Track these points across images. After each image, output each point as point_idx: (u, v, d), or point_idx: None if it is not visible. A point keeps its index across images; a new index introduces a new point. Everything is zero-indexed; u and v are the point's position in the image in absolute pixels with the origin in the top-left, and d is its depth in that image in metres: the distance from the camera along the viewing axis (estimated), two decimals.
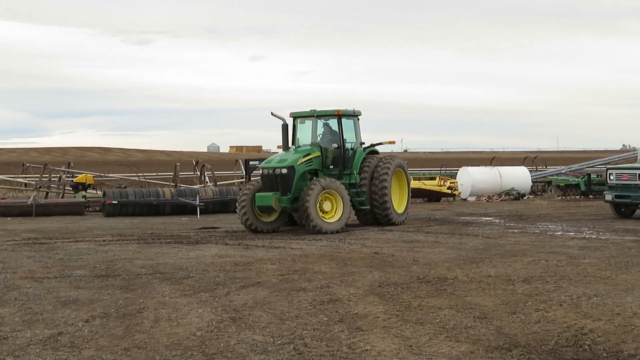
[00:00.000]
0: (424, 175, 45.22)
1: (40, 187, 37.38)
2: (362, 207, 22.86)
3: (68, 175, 39.51)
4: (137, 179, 42.55)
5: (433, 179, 39.85)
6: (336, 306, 10.29)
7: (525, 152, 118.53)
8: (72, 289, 11.92)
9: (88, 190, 35.12)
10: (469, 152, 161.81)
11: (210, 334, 8.83)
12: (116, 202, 29.82)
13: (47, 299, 11.04)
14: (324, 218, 21.09)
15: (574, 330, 8.73)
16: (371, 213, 23.25)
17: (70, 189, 36.15)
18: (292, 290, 11.55)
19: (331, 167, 22.60)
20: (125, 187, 35.76)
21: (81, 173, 39.59)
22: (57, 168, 42.52)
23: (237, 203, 21.93)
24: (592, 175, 39.22)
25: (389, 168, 23.15)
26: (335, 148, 22.69)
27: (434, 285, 11.78)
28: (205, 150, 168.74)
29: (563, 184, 39.74)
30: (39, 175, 40.23)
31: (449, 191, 37.71)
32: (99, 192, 35.69)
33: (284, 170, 21.32)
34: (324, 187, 21.05)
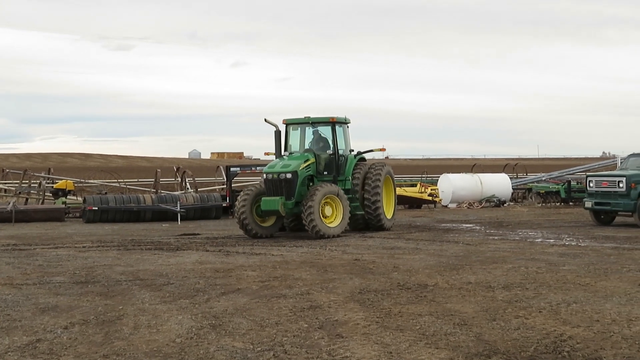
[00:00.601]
0: (405, 182, 45.29)
1: (20, 193, 37.17)
2: (357, 213, 23.07)
3: (48, 181, 39.32)
4: (117, 185, 42.38)
5: (414, 185, 39.90)
6: (316, 313, 10.29)
7: (505, 159, 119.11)
8: (52, 295, 11.87)
9: (68, 197, 34.93)
10: (450, 159, 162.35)
11: (190, 340, 8.81)
12: (96, 208, 29.70)
13: (26, 306, 10.98)
14: (325, 222, 21.42)
15: (553, 336, 8.76)
16: (362, 218, 23.54)
17: (50, 195, 35.98)
18: (272, 296, 11.54)
19: (325, 173, 22.90)
20: (106, 193, 35.62)
21: (61, 179, 39.40)
22: (37, 174, 42.31)
23: (235, 208, 22.09)
24: (572, 183, 39.36)
25: (380, 175, 23.49)
26: (329, 155, 23.05)
27: (414, 292, 11.80)
28: (187, 156, 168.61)
29: (543, 191, 39.87)
30: (18, 181, 40.03)
31: (430, 198, 37.76)
32: (79, 198, 35.50)
33: (289, 175, 21.61)
34: (329, 192, 21.57)
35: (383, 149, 25.91)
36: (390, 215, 24.41)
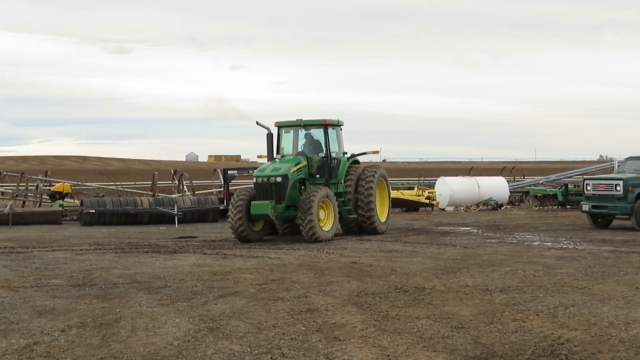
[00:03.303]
0: (402, 185, 45.27)
1: (17, 195, 37.13)
2: (350, 216, 22.92)
3: (45, 184, 39.28)
4: (115, 187, 42.37)
5: (411, 188, 39.90)
6: (314, 316, 10.28)
7: (503, 162, 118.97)
8: (49, 298, 11.85)
9: (65, 199, 34.93)
10: (447, 162, 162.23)
11: (187, 343, 8.80)
12: (94, 211, 29.68)
13: (23, 309, 10.97)
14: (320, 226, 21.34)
15: (551, 340, 8.76)
16: (355, 222, 23.32)
17: (48, 197, 35.95)
18: (269, 299, 11.53)
19: (317, 176, 22.70)
20: (103, 196, 35.61)
21: (58, 182, 39.36)
22: (34, 177, 42.27)
23: (230, 211, 21.69)
24: (569, 186, 39.37)
25: (373, 177, 23.31)
26: (321, 157, 22.84)
27: (411, 295, 11.79)
28: (184, 159, 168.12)
29: (540, 194, 39.90)
30: (15, 184, 39.97)
31: (427, 201, 37.77)
32: (77, 201, 35.50)
33: (279, 179, 21.36)
34: (324, 195, 21.34)
35: (377, 152, 25.59)
36: (384, 219, 24.24)
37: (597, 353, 8.21)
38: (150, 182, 41.22)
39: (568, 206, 37.80)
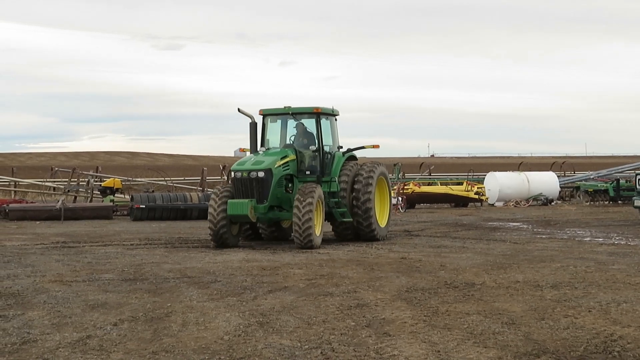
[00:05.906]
0: (451, 180, 45.07)
1: (68, 191, 37.67)
2: (345, 220, 19.89)
3: (96, 179, 39.78)
4: (164, 183, 42.74)
5: (460, 184, 39.73)
6: (363, 311, 10.27)
7: (553, 157, 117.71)
8: (101, 292, 11.97)
9: (116, 195, 35.35)
10: (496, 157, 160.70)
11: (237, 338, 8.83)
12: (144, 206, 29.97)
13: (76, 303, 11.09)
14: None
15: (603, 336, 8.65)
16: (351, 226, 20.26)
17: (98, 193, 36.41)
18: (319, 294, 11.54)
19: (307, 172, 19.82)
20: (153, 191, 35.98)
21: (109, 177, 39.88)
22: (86, 172, 42.82)
23: (211, 209, 18.83)
24: (621, 181, 39.00)
25: (372, 175, 20.15)
26: (312, 151, 20.02)
27: (461, 291, 11.73)
28: (232, 155, 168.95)
29: (591, 190, 39.55)
30: (67, 180, 40.55)
31: (477, 196, 37.60)
32: (127, 197, 35.89)
33: (261, 174, 18.54)
34: (320, 195, 18.76)
35: (377, 146, 21.77)
36: (384, 224, 21.01)
37: None
38: (200, 178, 41.55)
39: (620, 201, 37.41)
